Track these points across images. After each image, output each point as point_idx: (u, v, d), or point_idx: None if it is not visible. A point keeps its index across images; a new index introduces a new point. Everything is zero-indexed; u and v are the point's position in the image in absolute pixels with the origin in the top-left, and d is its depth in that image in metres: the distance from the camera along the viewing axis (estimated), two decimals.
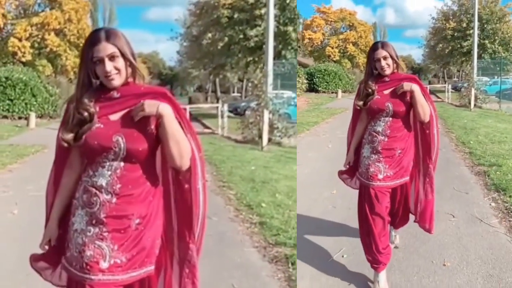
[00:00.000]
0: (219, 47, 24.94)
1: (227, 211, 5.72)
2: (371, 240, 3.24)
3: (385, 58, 3.16)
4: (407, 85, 3.16)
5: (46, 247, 2.11)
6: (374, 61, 3.20)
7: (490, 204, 5.19)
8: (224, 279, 3.69)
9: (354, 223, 3.35)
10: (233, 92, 50.08)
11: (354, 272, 3.54)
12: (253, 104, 14.03)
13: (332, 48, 41.04)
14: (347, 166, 3.61)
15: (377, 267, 3.25)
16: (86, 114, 1.94)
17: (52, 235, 2.08)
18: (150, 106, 1.93)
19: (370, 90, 3.24)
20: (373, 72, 3.25)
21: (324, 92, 28.21)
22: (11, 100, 17.93)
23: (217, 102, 21.69)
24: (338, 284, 3.37)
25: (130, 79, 2.00)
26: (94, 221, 1.93)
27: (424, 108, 3.21)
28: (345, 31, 43.04)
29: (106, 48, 1.91)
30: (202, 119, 21.80)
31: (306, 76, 27.28)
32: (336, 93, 26.97)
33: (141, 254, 2.00)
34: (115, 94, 1.97)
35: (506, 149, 8.44)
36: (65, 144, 1.97)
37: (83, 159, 2.03)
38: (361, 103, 3.29)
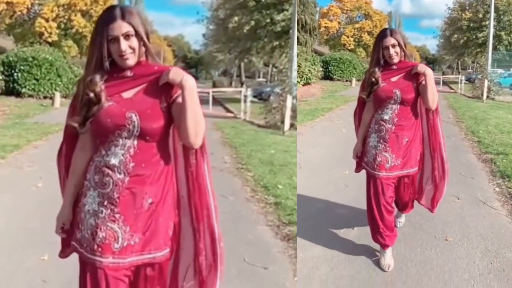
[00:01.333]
0: (245, 31, 24.69)
1: (244, 191, 5.97)
2: (377, 226, 3.39)
3: (393, 46, 3.12)
4: (422, 67, 3.13)
5: (61, 231, 2.11)
6: (382, 48, 3.16)
7: (494, 189, 5.44)
8: (237, 253, 3.87)
9: (364, 201, 3.57)
10: (259, 77, 49.26)
11: (363, 244, 3.83)
12: (277, 89, 14.05)
13: (348, 37, 40.95)
14: (356, 158, 3.62)
15: (383, 247, 3.44)
16: (93, 94, 1.89)
17: (66, 219, 2.08)
18: (176, 73, 1.89)
19: (374, 79, 3.21)
20: (380, 60, 3.21)
21: (338, 80, 28.27)
22: (37, 80, 18.16)
23: (242, 86, 21.61)
24: (348, 257, 3.66)
25: (143, 59, 1.95)
26: (106, 202, 1.91)
27: (434, 94, 3.16)
28: (361, 20, 42.90)
29: (122, 27, 1.86)
30: (226, 103, 21.78)
31: (322, 64, 27.38)
32: (350, 81, 27.07)
33: (155, 236, 1.97)
34: (128, 73, 1.93)
35: None
36: (76, 125, 1.94)
37: (95, 139, 1.98)
38: (366, 93, 3.29)
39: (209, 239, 2.09)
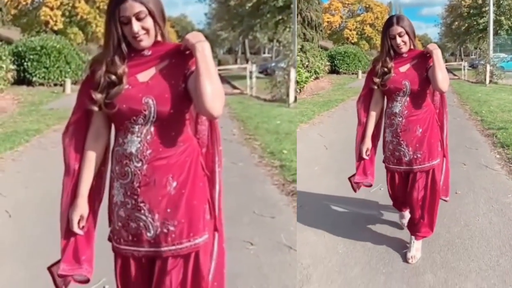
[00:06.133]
0: (247, 8, 25.03)
1: (252, 158, 6.66)
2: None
3: (400, 35, 3.00)
4: (432, 45, 2.99)
5: (82, 225, 1.96)
6: (389, 38, 3.05)
7: (495, 156, 6.34)
8: (247, 207, 4.47)
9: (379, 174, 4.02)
10: (264, 53, 48.94)
11: (387, 204, 4.71)
12: (281, 64, 14.58)
13: (350, 30, 41.71)
14: (368, 155, 3.45)
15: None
16: (116, 76, 1.82)
17: (84, 211, 1.95)
18: (193, 35, 1.83)
19: (386, 69, 3.11)
20: (389, 49, 3.09)
21: (345, 73, 28.88)
22: (47, 68, 18.26)
23: (247, 63, 22.06)
24: (376, 213, 4.60)
25: (159, 39, 1.88)
26: (129, 193, 1.86)
27: (444, 74, 2.93)
28: (362, 13, 43.65)
29: (133, 7, 1.78)
30: (232, 80, 21.89)
31: (328, 59, 28.09)
32: (357, 73, 27.79)
33: (192, 221, 1.90)
34: (146, 52, 1.86)
35: None
36: (96, 108, 1.85)
37: (110, 125, 1.97)
38: (378, 80, 3.15)
39: None
